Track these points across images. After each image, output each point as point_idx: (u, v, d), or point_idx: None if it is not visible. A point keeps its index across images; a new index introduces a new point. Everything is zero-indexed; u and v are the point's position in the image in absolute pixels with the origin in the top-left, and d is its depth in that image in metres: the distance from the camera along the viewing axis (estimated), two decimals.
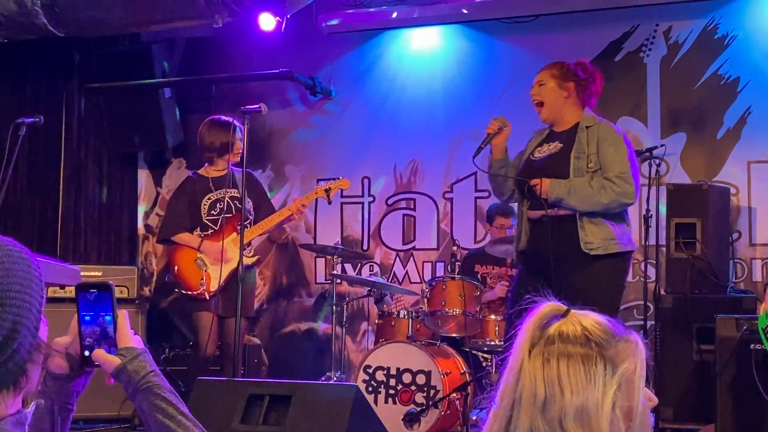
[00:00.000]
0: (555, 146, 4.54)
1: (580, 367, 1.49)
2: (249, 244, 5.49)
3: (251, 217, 5.56)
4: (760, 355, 4.76)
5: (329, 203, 5.82)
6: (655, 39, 6.50)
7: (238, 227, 5.37)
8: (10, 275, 1.38)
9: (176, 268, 5.56)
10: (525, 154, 4.72)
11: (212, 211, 5.56)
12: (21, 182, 7.44)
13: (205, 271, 5.45)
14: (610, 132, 4.46)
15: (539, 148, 4.63)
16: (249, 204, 5.52)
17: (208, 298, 5.41)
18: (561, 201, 4.38)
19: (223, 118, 5.61)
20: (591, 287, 4.32)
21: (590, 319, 1.55)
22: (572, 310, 1.56)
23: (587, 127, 4.48)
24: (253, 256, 5.61)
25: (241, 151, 5.43)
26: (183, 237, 5.58)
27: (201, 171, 5.70)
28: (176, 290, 5.58)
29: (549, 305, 1.57)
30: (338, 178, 5.73)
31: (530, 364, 1.50)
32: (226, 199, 5.54)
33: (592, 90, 4.55)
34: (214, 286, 5.41)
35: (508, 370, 1.53)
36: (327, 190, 5.59)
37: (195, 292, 5.44)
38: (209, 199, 5.58)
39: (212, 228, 5.54)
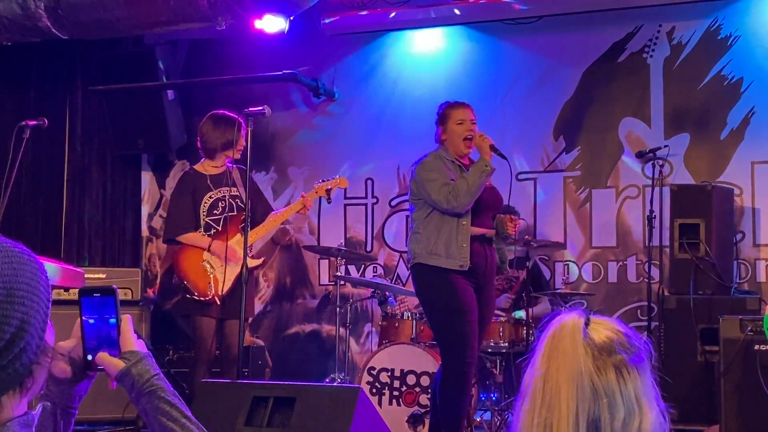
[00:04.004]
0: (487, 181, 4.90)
1: (646, 374, 1.47)
2: (251, 245, 5.41)
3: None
4: (765, 356, 4.76)
5: (329, 202, 5.77)
6: (658, 40, 6.49)
7: (240, 228, 5.31)
8: (19, 275, 1.39)
9: (183, 271, 5.37)
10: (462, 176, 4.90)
11: (214, 211, 5.39)
12: (25, 185, 7.45)
13: (213, 274, 5.31)
14: None
15: None
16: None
17: (218, 302, 5.25)
18: None
19: (227, 113, 5.46)
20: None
21: (612, 322, 1.52)
22: (590, 317, 1.52)
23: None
24: (258, 258, 5.53)
25: (243, 147, 5.34)
26: (191, 237, 5.38)
27: (197, 167, 5.53)
28: (183, 294, 5.37)
29: (571, 317, 1.50)
30: (336, 177, 5.71)
31: (603, 380, 1.44)
32: (227, 197, 5.40)
33: None
34: (221, 291, 5.25)
35: (548, 400, 1.44)
36: (328, 190, 5.54)
37: (204, 297, 5.27)
38: (210, 198, 5.42)
39: (215, 228, 5.39)
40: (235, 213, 5.40)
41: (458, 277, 4.73)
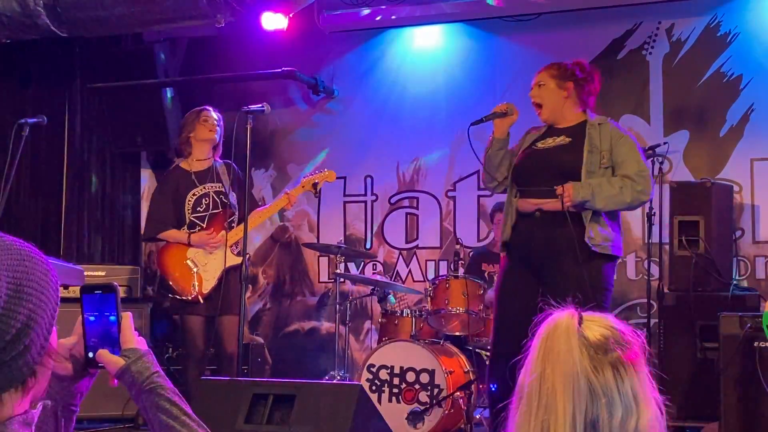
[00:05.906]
0: (562, 139, 4.44)
1: (642, 369, 1.47)
2: (237, 242, 5.34)
3: (236, 213, 5.38)
4: (764, 353, 4.76)
5: (316, 196, 5.66)
6: (657, 37, 6.49)
7: (226, 224, 5.33)
8: (29, 273, 1.39)
9: (166, 270, 5.37)
10: (523, 146, 4.59)
11: (198, 208, 5.38)
12: (24, 182, 7.44)
13: (196, 273, 5.30)
14: (621, 132, 4.44)
15: (541, 141, 4.51)
16: (233, 197, 5.38)
17: (201, 301, 5.25)
18: (586, 203, 4.22)
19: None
20: (586, 283, 4.13)
21: (605, 319, 1.52)
22: (583, 314, 1.51)
23: (599, 124, 4.42)
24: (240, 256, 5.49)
25: (214, 129, 5.42)
26: (170, 234, 5.38)
27: (182, 164, 5.50)
28: (169, 295, 5.38)
29: (563, 316, 1.50)
30: (324, 171, 5.65)
31: (601, 380, 1.44)
32: (211, 194, 5.40)
33: (591, 89, 4.51)
34: (206, 289, 5.26)
35: (545, 402, 1.44)
36: (315, 184, 5.48)
37: (188, 297, 5.27)
38: (194, 195, 5.39)
39: (199, 225, 5.37)
40: (219, 210, 5.39)
41: (506, 260, 4.45)
